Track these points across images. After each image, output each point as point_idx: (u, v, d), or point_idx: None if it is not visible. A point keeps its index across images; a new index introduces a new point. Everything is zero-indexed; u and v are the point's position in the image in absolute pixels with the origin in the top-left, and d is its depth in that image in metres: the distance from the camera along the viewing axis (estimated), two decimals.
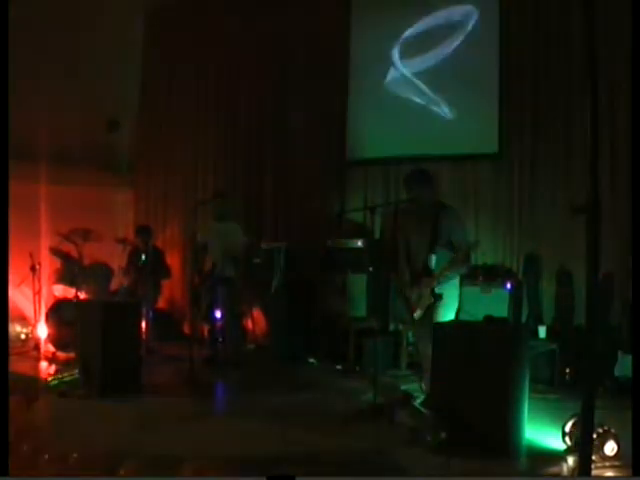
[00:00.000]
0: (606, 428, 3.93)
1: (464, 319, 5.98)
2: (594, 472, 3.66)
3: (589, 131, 2.92)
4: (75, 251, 7.60)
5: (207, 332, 7.34)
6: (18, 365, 6.60)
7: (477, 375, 4.25)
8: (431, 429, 4.12)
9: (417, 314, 5.24)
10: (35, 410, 5.12)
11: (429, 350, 4.84)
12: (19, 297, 8.03)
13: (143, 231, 8.14)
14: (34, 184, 7.95)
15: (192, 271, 6.94)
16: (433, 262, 5.12)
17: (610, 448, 3.90)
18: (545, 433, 4.48)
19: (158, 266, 8.04)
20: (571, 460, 3.94)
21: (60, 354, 7.16)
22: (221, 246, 6.93)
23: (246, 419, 4.96)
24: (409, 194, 5.30)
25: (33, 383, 5.86)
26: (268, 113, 8.81)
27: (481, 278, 6.58)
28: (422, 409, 4.40)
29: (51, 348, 7.32)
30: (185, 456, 3.86)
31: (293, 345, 7.45)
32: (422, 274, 5.17)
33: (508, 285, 6.38)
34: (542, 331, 6.42)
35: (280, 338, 7.59)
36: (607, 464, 3.87)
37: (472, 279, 6.51)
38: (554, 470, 3.90)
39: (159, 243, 8.76)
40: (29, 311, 7.95)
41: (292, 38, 8.63)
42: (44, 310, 7.61)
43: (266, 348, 7.77)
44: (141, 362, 5.90)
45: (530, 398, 4.44)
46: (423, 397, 5.03)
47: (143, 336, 6.80)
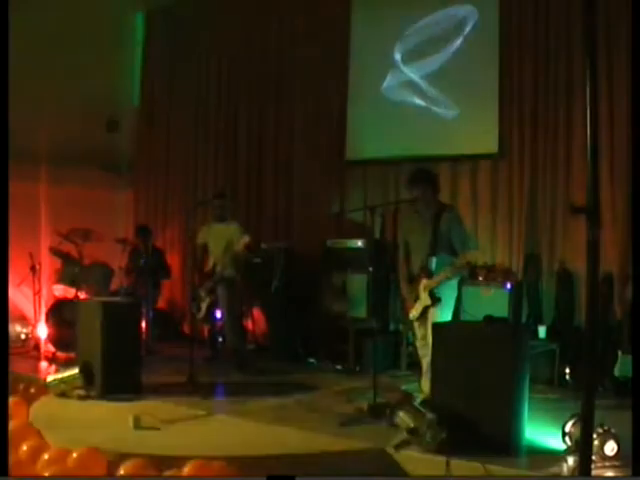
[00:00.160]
0: (606, 428, 3.93)
1: (464, 319, 6.00)
2: (594, 472, 3.66)
3: (589, 131, 2.92)
4: (75, 251, 7.61)
5: (207, 332, 7.35)
6: (18, 365, 6.61)
7: (477, 375, 4.25)
8: (431, 429, 4.12)
9: (412, 314, 5.24)
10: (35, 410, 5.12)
11: (428, 350, 4.84)
12: (19, 297, 8.03)
13: (143, 231, 8.15)
14: (34, 184, 7.95)
15: (192, 271, 6.93)
16: (433, 264, 5.12)
17: (610, 448, 3.90)
18: (545, 433, 4.48)
19: (158, 266, 8.05)
20: (571, 460, 3.93)
21: (60, 354, 7.16)
22: (221, 246, 6.93)
23: (246, 419, 4.95)
24: (411, 193, 5.30)
25: (33, 383, 5.85)
26: (268, 113, 8.80)
27: (481, 278, 6.59)
28: (422, 409, 4.40)
29: (51, 348, 7.31)
30: (185, 456, 3.85)
31: (293, 345, 7.45)
32: (421, 275, 5.17)
33: (508, 285, 6.38)
34: (542, 331, 6.43)
35: (280, 338, 7.60)
36: (607, 464, 3.86)
37: (472, 279, 6.53)
38: (554, 470, 3.89)
39: (159, 243, 8.77)
40: (29, 311, 7.95)
41: (292, 38, 8.62)
42: (44, 310, 7.60)
43: (266, 348, 7.78)
44: (141, 362, 5.91)
45: (530, 398, 4.44)
46: (423, 397, 5.03)
47: (143, 336, 6.81)
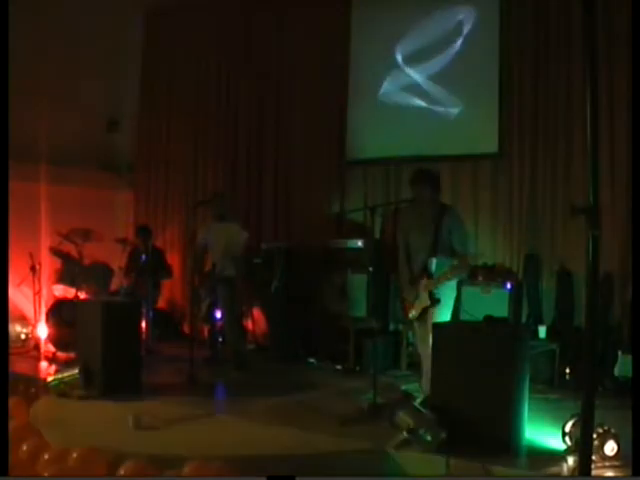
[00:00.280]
0: (606, 428, 3.93)
1: (464, 319, 5.99)
2: (594, 472, 3.66)
3: (589, 131, 2.92)
4: (75, 251, 7.62)
5: (207, 332, 7.34)
6: (18, 365, 6.61)
7: (477, 375, 4.25)
8: (431, 429, 4.12)
9: (412, 314, 5.24)
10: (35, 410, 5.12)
11: (428, 350, 4.84)
12: (19, 297, 8.02)
13: (143, 231, 8.14)
14: (34, 184, 7.95)
15: (192, 271, 6.93)
16: (433, 265, 5.12)
17: (610, 448, 3.90)
18: (545, 433, 4.48)
19: (158, 266, 8.04)
20: (571, 460, 3.93)
21: (60, 354, 7.15)
22: (221, 246, 6.93)
23: (246, 419, 4.96)
24: (413, 193, 5.29)
25: (33, 383, 5.85)
26: (268, 113, 8.80)
27: (481, 278, 6.58)
28: (422, 409, 4.40)
29: (51, 348, 7.31)
30: (185, 456, 3.85)
31: (293, 345, 7.45)
32: (421, 275, 5.17)
33: (508, 285, 6.38)
34: (542, 331, 6.43)
35: (280, 338, 7.59)
36: (607, 464, 3.87)
37: (472, 279, 6.52)
38: (554, 470, 3.89)
39: (159, 243, 8.76)
40: (29, 311, 7.94)
41: (292, 38, 8.62)
42: (44, 310, 7.60)
43: (266, 348, 7.78)
44: (141, 362, 5.91)
45: (530, 398, 4.45)
46: (423, 397, 5.03)
47: (143, 336, 6.81)
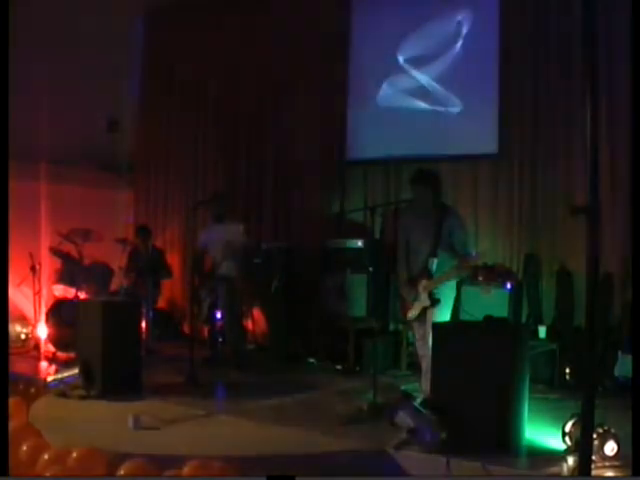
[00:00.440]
0: (606, 428, 3.93)
1: (464, 319, 5.99)
2: (594, 472, 3.66)
3: (589, 131, 2.92)
4: (75, 251, 7.62)
5: (207, 332, 7.35)
6: (18, 365, 6.61)
7: (477, 375, 4.25)
8: (431, 429, 4.12)
9: (411, 314, 5.24)
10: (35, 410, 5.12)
11: (428, 350, 4.84)
12: (19, 297, 8.03)
13: (143, 231, 8.15)
14: (34, 184, 7.95)
15: (192, 271, 6.93)
16: (434, 265, 5.11)
17: (610, 448, 3.90)
18: (545, 433, 4.48)
19: (158, 266, 8.05)
20: (571, 460, 3.93)
21: (60, 354, 7.16)
22: (221, 246, 6.93)
23: (246, 419, 4.95)
24: (413, 193, 5.29)
25: (33, 383, 5.85)
26: (268, 113, 8.80)
27: (481, 278, 6.58)
28: (422, 409, 4.40)
29: (51, 348, 7.32)
30: (185, 456, 3.85)
31: (293, 345, 7.45)
32: (421, 275, 5.16)
33: (508, 285, 6.38)
34: (542, 331, 6.43)
35: (280, 338, 7.59)
36: (607, 464, 3.86)
37: (472, 279, 6.52)
38: (554, 470, 3.89)
39: (159, 243, 8.77)
40: (29, 311, 7.95)
41: (292, 37, 8.62)
42: (44, 310, 7.61)
43: (266, 348, 7.77)
44: (141, 362, 5.91)
45: (530, 398, 4.45)
46: (423, 397, 5.03)
47: (143, 336, 6.80)
